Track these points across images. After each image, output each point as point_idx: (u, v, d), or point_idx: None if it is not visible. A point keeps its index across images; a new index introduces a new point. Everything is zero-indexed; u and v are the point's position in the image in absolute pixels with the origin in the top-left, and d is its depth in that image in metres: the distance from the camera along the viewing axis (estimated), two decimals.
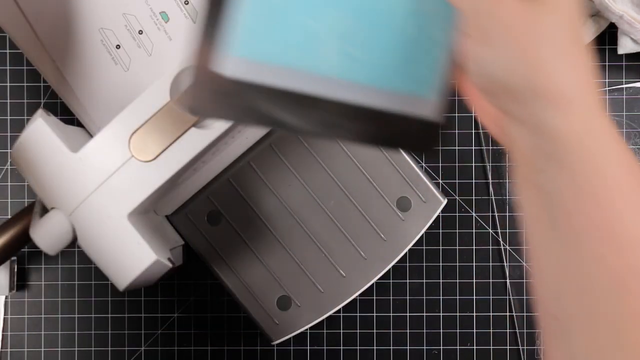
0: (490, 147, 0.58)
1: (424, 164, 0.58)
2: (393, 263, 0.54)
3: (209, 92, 0.34)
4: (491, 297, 0.58)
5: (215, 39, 0.34)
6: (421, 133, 0.37)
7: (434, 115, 0.37)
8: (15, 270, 0.58)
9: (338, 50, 0.35)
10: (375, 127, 0.36)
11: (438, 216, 0.55)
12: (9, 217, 0.53)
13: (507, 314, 0.58)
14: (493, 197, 0.58)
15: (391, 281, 0.58)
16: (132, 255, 0.45)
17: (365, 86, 0.36)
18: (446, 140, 0.59)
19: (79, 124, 0.58)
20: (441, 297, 0.59)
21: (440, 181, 0.58)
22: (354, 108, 0.36)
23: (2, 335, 0.58)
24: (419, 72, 0.36)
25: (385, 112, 0.36)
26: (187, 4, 0.50)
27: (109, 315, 0.59)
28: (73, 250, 0.59)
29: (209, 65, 0.34)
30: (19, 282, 0.59)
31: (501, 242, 0.58)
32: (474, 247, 0.58)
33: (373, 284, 0.55)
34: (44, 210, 0.47)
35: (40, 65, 0.52)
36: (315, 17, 0.35)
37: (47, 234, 0.45)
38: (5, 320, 0.58)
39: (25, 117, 0.59)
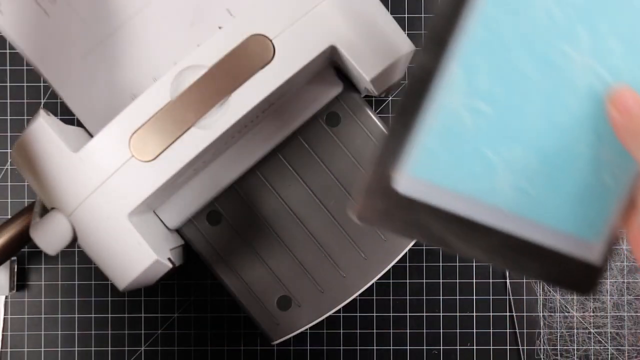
0: None
1: None
2: (393, 263, 0.54)
3: (381, 205, 0.36)
4: (491, 297, 0.59)
5: (396, 155, 0.36)
6: (581, 274, 0.38)
7: (597, 259, 0.38)
8: (15, 270, 0.58)
9: (512, 184, 0.37)
10: (538, 262, 0.38)
11: None
12: (9, 217, 0.53)
13: (507, 314, 0.58)
14: None
15: (391, 281, 0.59)
16: (132, 255, 0.45)
17: (533, 222, 0.37)
18: None
19: (79, 124, 0.59)
20: (441, 297, 0.59)
21: None
22: (520, 241, 0.37)
23: (2, 335, 0.58)
24: (588, 216, 0.37)
25: (550, 250, 0.37)
26: None
27: (109, 315, 0.59)
28: (73, 250, 0.59)
29: (385, 179, 0.36)
30: (19, 282, 0.59)
31: None
32: None
33: (373, 284, 0.55)
34: (44, 210, 0.47)
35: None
36: (496, 150, 0.36)
37: (47, 234, 0.45)
38: (5, 320, 0.58)
39: (25, 117, 0.59)
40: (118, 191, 0.44)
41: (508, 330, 0.58)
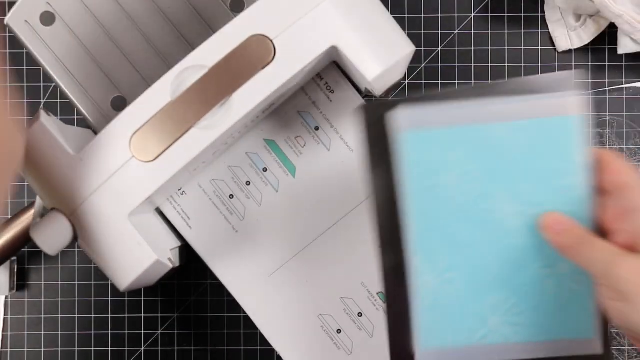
0: None
1: None
2: None
3: None
4: None
5: (405, 337, 0.44)
6: None
7: (597, 351, 0.44)
8: (15, 270, 0.58)
9: (503, 322, 0.44)
10: None
11: None
12: (9, 217, 0.53)
13: None
14: None
15: None
16: (132, 255, 0.45)
17: (534, 343, 0.44)
18: None
19: (80, 124, 0.58)
20: None
21: None
22: None
23: (2, 335, 0.58)
24: (576, 320, 0.43)
25: (556, 358, 0.44)
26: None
27: (109, 315, 0.59)
28: (73, 250, 0.59)
29: (402, 354, 0.44)
30: (19, 282, 0.58)
31: None
32: None
33: None
34: (44, 210, 0.47)
35: None
36: (478, 302, 0.44)
37: (48, 234, 0.45)
38: (5, 320, 0.58)
39: (25, 117, 0.59)
40: (118, 191, 0.44)
41: None
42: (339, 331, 0.53)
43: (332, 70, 0.51)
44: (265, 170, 0.52)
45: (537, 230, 0.42)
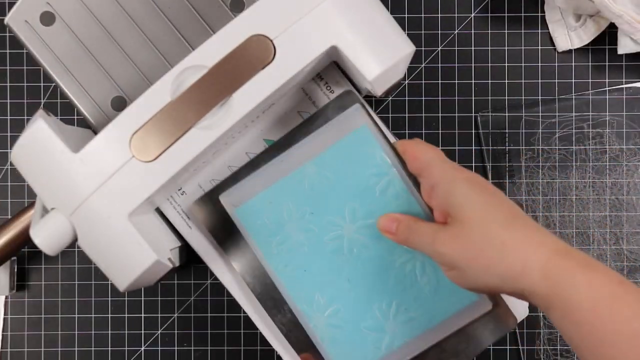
0: (490, 148, 0.58)
1: None
2: None
3: None
4: None
5: None
6: (490, 324, 0.50)
7: (488, 307, 0.48)
8: (15, 270, 0.58)
9: (398, 323, 0.48)
10: (465, 342, 0.49)
11: None
12: (9, 217, 0.53)
13: None
14: None
15: None
16: (132, 255, 0.45)
17: (434, 327, 0.48)
18: (446, 140, 0.59)
19: (79, 124, 0.59)
20: None
21: None
22: (442, 342, 0.48)
23: (2, 335, 0.58)
24: (454, 292, 0.48)
25: (462, 327, 0.48)
26: None
27: (109, 315, 0.59)
28: (73, 250, 0.59)
29: None
30: (19, 282, 0.59)
31: None
32: None
33: None
34: (44, 211, 0.47)
35: None
36: (370, 317, 0.48)
37: (47, 235, 0.45)
38: (5, 320, 0.58)
39: (25, 117, 0.59)
40: (118, 191, 0.44)
41: None
42: None
43: (332, 70, 0.51)
44: None
45: (381, 235, 0.47)
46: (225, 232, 0.49)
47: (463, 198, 0.41)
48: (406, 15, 0.59)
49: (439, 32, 0.59)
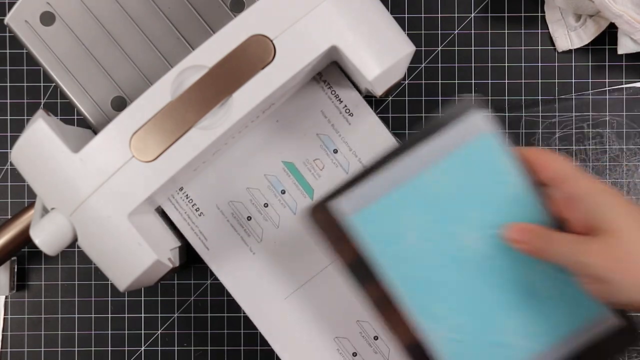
0: None
1: None
2: None
3: None
4: None
5: None
6: (617, 337, 0.46)
7: (615, 322, 0.46)
8: (15, 270, 0.58)
9: (522, 338, 0.46)
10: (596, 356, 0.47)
11: None
12: (9, 217, 0.53)
13: None
14: None
15: None
16: (132, 255, 0.45)
17: (559, 343, 0.46)
18: None
19: (80, 124, 0.59)
20: None
21: None
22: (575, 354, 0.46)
23: (2, 335, 0.58)
24: (579, 305, 0.45)
25: (591, 343, 0.46)
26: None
27: (109, 315, 0.59)
28: (73, 250, 0.59)
29: None
30: (19, 282, 0.58)
31: None
32: None
33: None
34: (44, 211, 0.47)
35: None
36: (496, 333, 0.46)
37: (47, 235, 0.45)
38: (5, 320, 0.58)
39: (25, 117, 0.59)
40: (118, 191, 0.44)
41: None
42: (354, 354, 0.53)
43: (334, 70, 0.51)
44: (283, 192, 0.52)
45: (506, 245, 0.45)
46: (340, 241, 0.46)
47: (615, 210, 0.40)
48: (406, 15, 0.59)
49: (439, 32, 0.59)
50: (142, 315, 0.59)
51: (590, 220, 0.41)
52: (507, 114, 0.58)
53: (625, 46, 0.55)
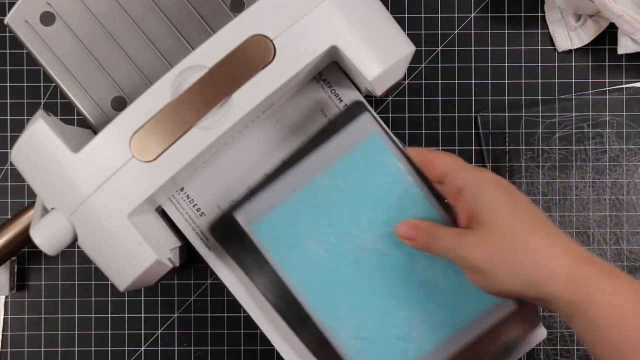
0: (490, 148, 0.58)
1: None
2: None
3: None
4: None
5: None
6: (516, 321, 0.48)
7: (513, 307, 0.47)
8: (15, 270, 0.58)
9: (424, 330, 0.47)
10: (495, 345, 0.49)
11: None
12: (9, 217, 0.53)
13: None
14: None
15: None
16: (132, 255, 0.45)
17: (460, 331, 0.48)
18: (446, 140, 0.59)
19: (80, 124, 0.59)
20: None
21: None
22: (476, 345, 0.48)
23: (2, 335, 0.58)
24: (478, 294, 0.45)
25: (490, 330, 0.47)
26: None
27: (109, 315, 0.59)
28: (73, 250, 0.59)
29: None
30: (19, 282, 0.58)
31: None
32: None
33: None
34: (44, 211, 0.47)
35: None
36: (397, 325, 0.48)
37: (47, 235, 0.45)
38: (5, 320, 0.58)
39: (25, 117, 0.59)
40: (118, 191, 0.44)
41: None
42: None
43: (334, 70, 0.51)
44: None
45: (400, 242, 0.47)
46: (244, 251, 0.48)
47: (491, 201, 0.42)
48: (406, 15, 0.59)
49: (439, 32, 0.59)
50: (142, 315, 0.59)
51: (472, 211, 0.42)
52: (507, 114, 0.58)
53: (625, 46, 0.55)
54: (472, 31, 0.59)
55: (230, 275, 0.52)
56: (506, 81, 0.59)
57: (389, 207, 0.47)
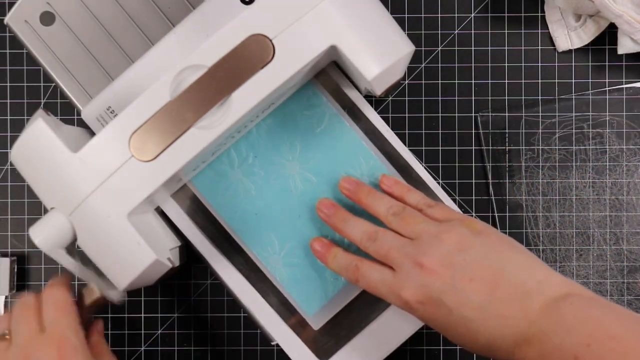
0: (490, 147, 0.58)
1: (423, 164, 0.58)
2: None
3: None
4: None
5: (293, 314, 0.51)
6: None
7: None
8: (15, 270, 0.58)
9: (357, 249, 0.48)
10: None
11: None
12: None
13: None
14: (493, 198, 0.58)
15: None
16: (132, 255, 0.45)
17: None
18: (446, 140, 0.59)
19: (79, 124, 0.59)
20: None
21: (440, 181, 0.58)
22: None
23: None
24: None
25: None
26: None
27: (109, 315, 0.59)
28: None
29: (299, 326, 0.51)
30: (19, 282, 0.59)
31: None
32: None
33: None
34: (44, 210, 0.47)
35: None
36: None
37: (47, 234, 0.45)
38: None
39: (25, 117, 0.59)
40: (118, 191, 0.44)
41: None
42: None
43: (333, 70, 0.51)
44: None
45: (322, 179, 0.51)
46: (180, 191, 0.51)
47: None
48: (406, 15, 0.59)
49: (439, 32, 0.59)
50: (142, 315, 0.59)
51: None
52: (507, 114, 0.58)
53: (625, 46, 0.55)
54: (472, 31, 0.59)
55: (231, 275, 0.52)
56: (506, 81, 0.59)
57: (312, 135, 0.50)
